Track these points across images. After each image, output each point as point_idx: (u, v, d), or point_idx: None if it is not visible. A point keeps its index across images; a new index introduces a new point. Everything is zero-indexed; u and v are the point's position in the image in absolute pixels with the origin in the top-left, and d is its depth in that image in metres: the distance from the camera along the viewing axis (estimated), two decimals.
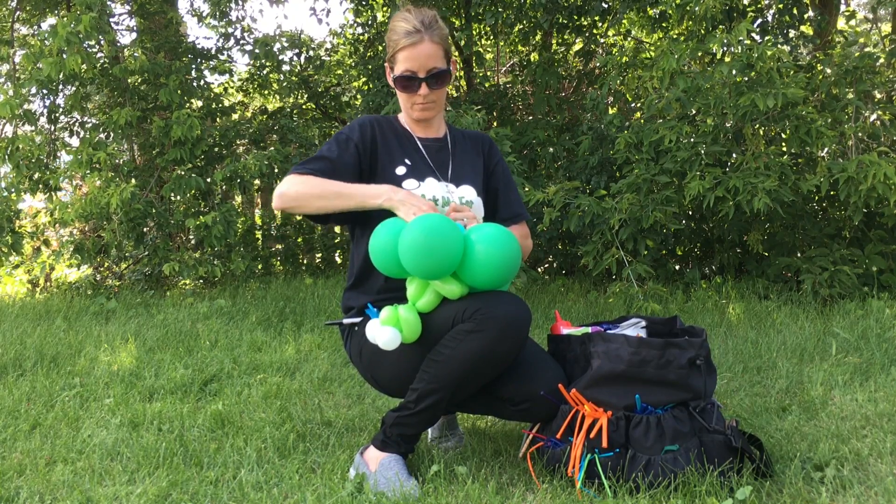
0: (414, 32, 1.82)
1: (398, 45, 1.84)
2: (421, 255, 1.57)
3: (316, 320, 3.90)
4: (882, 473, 1.74)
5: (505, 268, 1.62)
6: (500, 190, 2.05)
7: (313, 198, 1.78)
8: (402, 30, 1.83)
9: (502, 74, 7.25)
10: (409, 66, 1.83)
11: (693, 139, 4.01)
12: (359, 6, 6.37)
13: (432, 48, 1.83)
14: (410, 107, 1.92)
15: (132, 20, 6.46)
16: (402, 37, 1.83)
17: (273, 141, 6.17)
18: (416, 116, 1.93)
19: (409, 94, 1.88)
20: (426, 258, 1.57)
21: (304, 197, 1.78)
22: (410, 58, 1.83)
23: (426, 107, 1.90)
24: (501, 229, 1.64)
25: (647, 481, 1.65)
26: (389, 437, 1.79)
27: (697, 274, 4.48)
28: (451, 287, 1.68)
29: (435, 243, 1.56)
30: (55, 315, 4.13)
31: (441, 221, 1.59)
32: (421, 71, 1.84)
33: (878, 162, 3.48)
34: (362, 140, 1.89)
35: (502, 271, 1.62)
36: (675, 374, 1.70)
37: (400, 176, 1.88)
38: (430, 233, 1.57)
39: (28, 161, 4.90)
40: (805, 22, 4.74)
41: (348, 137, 1.89)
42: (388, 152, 1.91)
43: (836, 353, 2.88)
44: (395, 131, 1.97)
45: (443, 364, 1.68)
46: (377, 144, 1.91)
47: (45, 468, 1.92)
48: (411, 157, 1.93)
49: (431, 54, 1.83)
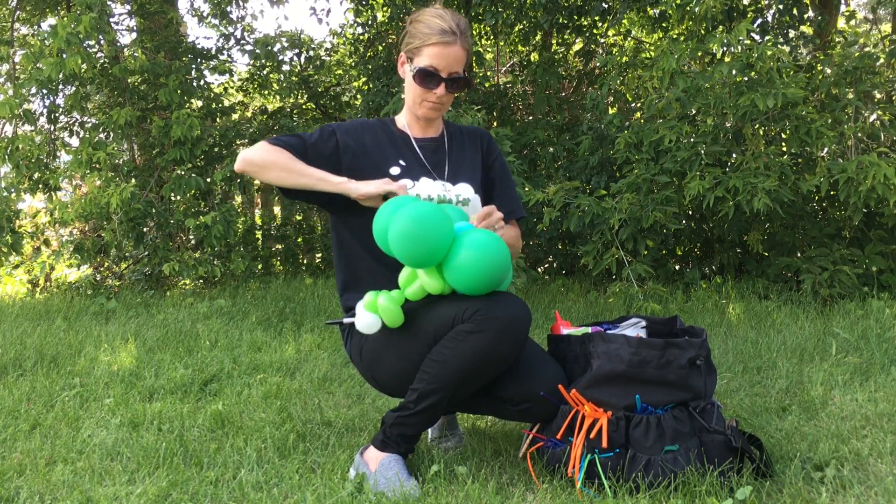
0: (450, 33, 1.83)
1: (429, 40, 1.84)
2: (403, 240, 1.58)
3: (316, 320, 3.90)
4: (882, 473, 1.74)
5: (486, 278, 1.60)
6: (495, 185, 2.04)
7: (276, 168, 1.82)
8: (437, 26, 1.84)
9: (502, 74, 7.25)
10: (435, 62, 1.84)
11: (693, 139, 4.01)
12: (359, 6, 6.37)
13: (461, 53, 1.86)
14: (420, 103, 1.91)
15: (132, 20, 6.46)
16: (435, 32, 1.83)
17: None
18: (421, 114, 1.93)
19: (426, 89, 1.87)
20: (407, 244, 1.58)
21: (266, 164, 1.82)
22: (440, 56, 1.84)
23: (436, 107, 1.91)
24: (493, 238, 1.62)
25: (647, 481, 1.65)
26: (389, 437, 1.79)
27: (697, 274, 4.49)
28: (432, 281, 1.68)
29: (417, 231, 1.56)
30: (55, 315, 4.13)
31: (431, 211, 1.59)
32: (445, 71, 1.85)
33: (878, 163, 3.48)
34: (346, 138, 1.91)
35: (482, 280, 1.61)
36: (675, 375, 1.70)
37: (394, 176, 1.88)
38: (416, 220, 1.57)
39: (28, 161, 4.90)
40: (805, 22, 4.74)
41: (334, 131, 1.92)
42: (382, 154, 1.92)
43: (836, 353, 2.88)
44: (389, 134, 1.97)
45: (443, 364, 1.68)
46: (366, 148, 1.91)
47: (45, 468, 1.92)
48: (405, 158, 1.93)
49: (459, 59, 1.86)
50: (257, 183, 5.96)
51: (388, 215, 1.66)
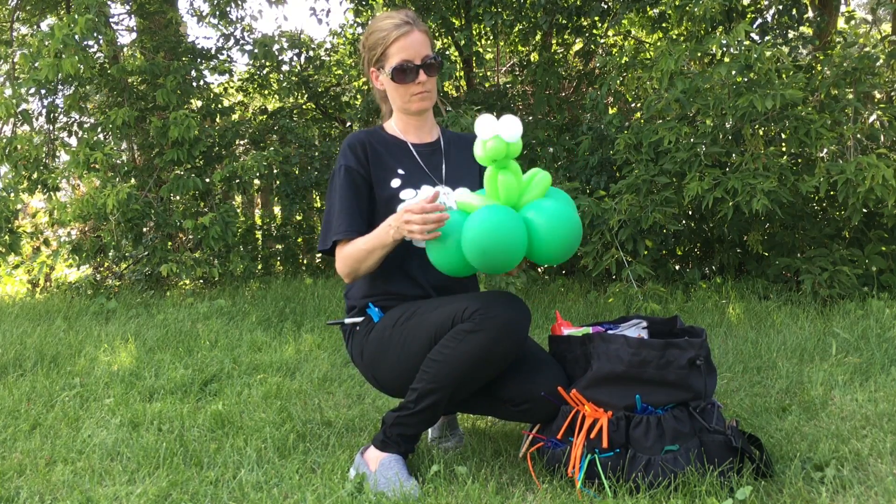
0: (404, 24, 1.86)
1: (389, 39, 1.86)
2: (484, 257, 1.58)
3: (316, 320, 3.89)
4: (882, 473, 1.74)
5: (568, 244, 1.64)
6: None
7: (357, 264, 1.83)
8: (390, 25, 1.87)
9: (502, 74, 7.26)
10: (404, 55, 1.85)
11: (692, 140, 4.01)
12: (359, 6, 6.37)
13: (423, 37, 1.88)
14: (409, 99, 1.91)
15: (132, 20, 6.46)
16: (391, 30, 1.86)
17: (273, 141, 6.17)
18: (415, 108, 1.93)
19: (408, 84, 1.88)
20: (494, 256, 1.58)
21: (353, 269, 1.84)
22: (405, 47, 1.85)
23: (424, 96, 1.91)
24: (562, 201, 1.67)
25: (647, 481, 1.65)
26: (389, 437, 1.79)
27: (697, 274, 4.49)
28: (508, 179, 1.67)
29: (494, 247, 1.57)
30: (55, 315, 4.13)
31: (500, 219, 1.59)
32: (417, 59, 1.86)
33: (877, 164, 3.48)
34: (357, 161, 1.90)
35: (566, 247, 1.64)
36: (676, 375, 1.70)
37: (395, 188, 1.88)
38: (492, 233, 1.57)
39: (26, 161, 4.90)
40: (804, 22, 4.74)
41: (347, 167, 1.89)
42: (382, 167, 1.91)
43: (836, 353, 2.88)
44: (384, 142, 1.95)
45: (442, 364, 1.68)
46: (369, 161, 1.91)
47: (45, 468, 1.92)
48: (405, 166, 1.92)
49: (424, 42, 1.88)
50: (257, 183, 5.96)
51: (456, 244, 1.66)
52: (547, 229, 1.62)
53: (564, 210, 1.64)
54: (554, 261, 1.67)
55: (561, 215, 1.63)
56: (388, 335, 1.81)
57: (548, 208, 1.64)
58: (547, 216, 1.63)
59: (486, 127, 1.64)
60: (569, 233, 1.63)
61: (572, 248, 1.66)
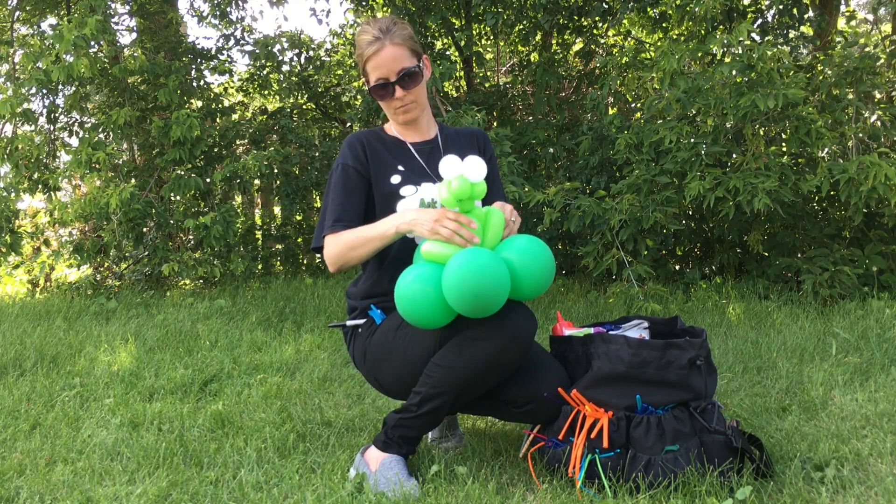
0: (374, 41, 1.84)
1: (364, 58, 1.87)
2: (467, 300, 1.55)
3: (316, 320, 3.89)
4: (882, 473, 1.74)
5: (543, 279, 1.64)
6: (487, 184, 2.05)
7: (349, 251, 1.82)
8: (363, 42, 1.86)
9: (502, 74, 7.26)
10: (378, 73, 1.86)
11: (693, 140, 4.01)
12: (359, 6, 6.37)
13: (395, 51, 1.84)
14: (393, 112, 1.93)
15: (132, 20, 6.46)
16: (365, 48, 1.86)
17: (273, 141, 6.17)
18: (401, 121, 1.95)
19: (387, 100, 1.89)
20: (479, 300, 1.55)
21: (343, 255, 1.83)
22: (378, 65, 1.85)
23: (407, 108, 1.91)
24: (534, 241, 1.66)
25: (647, 481, 1.65)
26: (391, 438, 1.79)
27: (697, 274, 4.49)
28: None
29: (483, 285, 1.54)
30: (55, 315, 4.13)
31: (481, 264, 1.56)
32: (391, 75, 1.85)
33: (879, 163, 3.48)
34: (356, 158, 1.91)
35: (541, 283, 1.64)
36: (676, 375, 1.70)
37: (395, 185, 1.88)
38: (477, 277, 1.54)
39: (27, 161, 4.90)
40: (805, 22, 4.74)
41: (344, 164, 1.90)
42: (381, 164, 1.92)
43: (836, 353, 2.88)
44: (383, 142, 1.97)
45: (447, 369, 1.68)
46: (368, 158, 1.92)
47: (45, 468, 1.92)
48: (404, 164, 1.93)
49: (396, 56, 1.85)
50: (257, 183, 5.96)
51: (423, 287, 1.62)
52: (528, 266, 1.62)
53: (538, 245, 1.66)
54: (533, 296, 1.67)
55: (537, 251, 1.64)
56: (392, 338, 1.81)
57: (523, 246, 1.64)
58: (525, 254, 1.63)
59: (452, 167, 1.66)
60: (549, 266, 1.65)
61: (550, 280, 1.68)
